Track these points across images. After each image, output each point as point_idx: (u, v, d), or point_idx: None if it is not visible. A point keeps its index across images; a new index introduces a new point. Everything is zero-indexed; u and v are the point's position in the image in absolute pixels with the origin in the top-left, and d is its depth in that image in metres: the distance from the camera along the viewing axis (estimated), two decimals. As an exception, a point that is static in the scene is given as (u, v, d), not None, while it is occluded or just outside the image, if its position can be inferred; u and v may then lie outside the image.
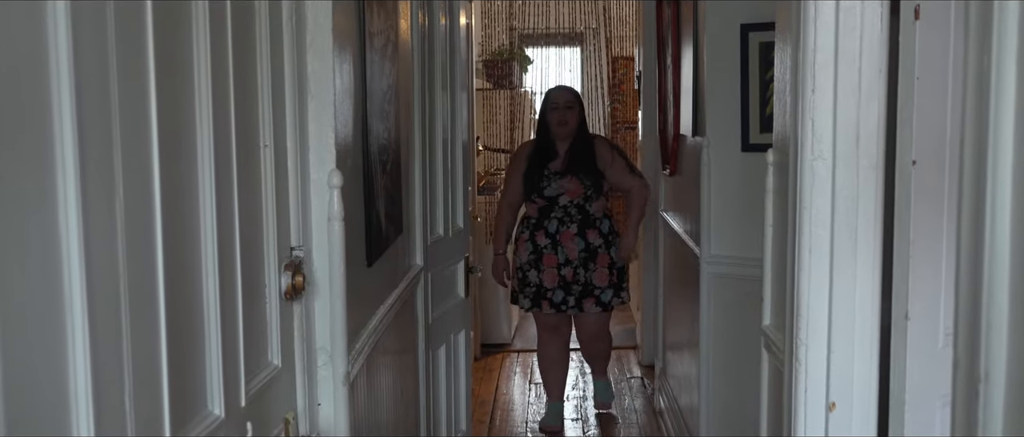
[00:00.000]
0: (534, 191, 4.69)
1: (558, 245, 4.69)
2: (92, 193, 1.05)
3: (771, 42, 3.08)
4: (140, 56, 1.21)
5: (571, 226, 4.67)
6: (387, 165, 2.59)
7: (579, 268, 4.70)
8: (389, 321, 2.62)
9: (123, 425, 1.14)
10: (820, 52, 1.79)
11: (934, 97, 1.70)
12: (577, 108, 4.70)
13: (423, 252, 3.32)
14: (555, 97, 4.74)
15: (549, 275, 4.74)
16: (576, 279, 4.71)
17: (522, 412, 5.35)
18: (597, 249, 4.69)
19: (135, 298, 1.17)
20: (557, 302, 4.76)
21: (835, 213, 1.82)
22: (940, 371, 1.74)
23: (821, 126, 1.81)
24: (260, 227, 1.72)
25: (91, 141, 1.05)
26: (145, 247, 1.22)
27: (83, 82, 1.02)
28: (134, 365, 1.16)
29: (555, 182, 4.66)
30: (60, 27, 0.98)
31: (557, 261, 4.70)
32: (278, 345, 1.79)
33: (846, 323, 1.85)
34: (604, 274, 4.72)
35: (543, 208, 4.71)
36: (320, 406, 1.98)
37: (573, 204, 4.67)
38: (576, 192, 4.65)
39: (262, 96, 1.71)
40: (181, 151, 1.37)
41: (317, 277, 1.96)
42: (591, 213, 4.68)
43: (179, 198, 1.35)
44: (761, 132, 3.42)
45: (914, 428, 1.77)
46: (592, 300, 4.74)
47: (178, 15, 1.36)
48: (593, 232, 4.68)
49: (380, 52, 2.48)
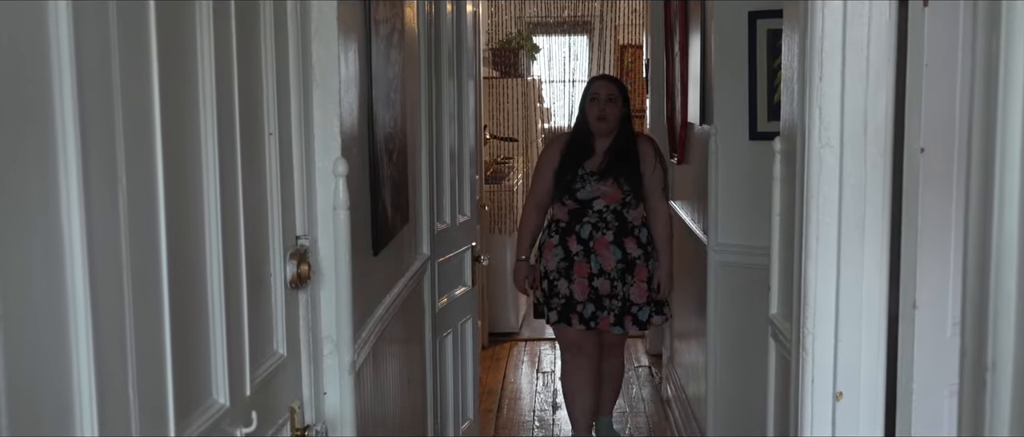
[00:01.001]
0: (566, 193, 4.09)
1: (592, 253, 4.07)
2: (95, 182, 1.04)
3: (779, 30, 3.06)
4: (143, 44, 1.20)
5: (607, 233, 4.06)
6: (393, 154, 2.58)
7: (616, 281, 4.08)
8: (396, 310, 2.62)
9: (127, 413, 1.14)
10: (828, 39, 1.78)
11: (943, 84, 1.69)
12: (619, 102, 4.11)
13: (430, 241, 3.32)
14: (596, 88, 4.15)
15: (580, 286, 4.10)
16: (613, 293, 4.09)
17: (529, 401, 5.35)
18: (635, 261, 4.08)
19: (138, 287, 1.17)
20: (587, 317, 4.11)
21: (843, 201, 1.81)
22: (948, 361, 1.74)
23: (829, 114, 1.80)
24: (265, 216, 1.72)
25: (93, 129, 1.04)
26: (148, 236, 1.22)
27: (85, 70, 1.02)
28: (138, 353, 1.16)
29: (590, 184, 4.06)
30: (61, 14, 0.98)
31: (589, 271, 4.08)
32: (284, 334, 1.79)
33: (853, 312, 1.84)
34: (642, 289, 4.10)
35: (574, 211, 4.10)
36: (326, 395, 1.98)
37: (609, 209, 4.07)
38: (614, 197, 4.06)
39: (266, 84, 1.71)
40: (184, 139, 1.36)
41: (322, 266, 1.95)
42: (629, 220, 4.08)
43: (183, 186, 1.35)
44: (769, 120, 3.40)
45: (921, 418, 1.76)
46: (630, 318, 4.14)
47: (181, 2, 1.35)
48: (631, 241, 4.07)
49: (386, 40, 2.47)
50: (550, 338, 6.52)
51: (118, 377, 1.12)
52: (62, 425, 1.01)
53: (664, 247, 4.10)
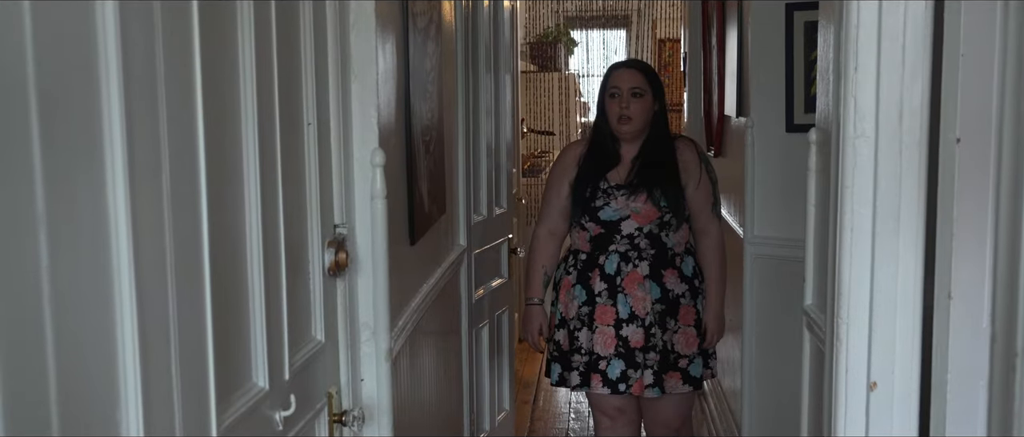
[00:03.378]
0: (586, 213, 3.15)
1: (618, 292, 3.12)
2: (140, 172, 1.07)
3: (816, 21, 3.05)
4: (186, 40, 1.23)
5: (639, 264, 3.11)
6: (430, 145, 2.61)
7: (654, 328, 3.10)
8: (432, 299, 2.65)
9: (170, 393, 1.17)
10: (863, 29, 1.78)
11: (979, 74, 1.68)
12: (649, 95, 3.14)
13: (466, 232, 3.34)
14: (615, 79, 3.15)
15: (603, 337, 3.12)
16: (649, 344, 3.10)
17: (565, 393, 5.36)
18: (679, 299, 3.14)
19: (181, 272, 1.20)
20: (614, 378, 3.11)
21: (877, 191, 1.81)
22: (983, 351, 1.73)
23: (864, 104, 1.80)
24: (304, 204, 1.75)
25: (138, 121, 1.07)
26: (191, 223, 1.25)
27: (130, 66, 1.05)
28: (180, 336, 1.19)
29: (617, 199, 3.12)
30: (108, 13, 1.01)
31: (615, 316, 3.11)
32: (321, 320, 1.83)
33: (888, 302, 1.84)
34: (691, 336, 3.15)
35: (597, 238, 3.15)
36: (363, 381, 2.02)
37: (642, 233, 3.11)
38: (648, 216, 3.10)
39: (305, 74, 1.74)
40: (226, 127, 1.39)
41: (360, 254, 1.98)
42: (670, 247, 3.13)
43: (224, 175, 1.38)
44: (806, 112, 3.39)
45: (956, 408, 1.76)
46: (677, 376, 3.15)
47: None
48: (672, 275, 3.13)
49: (423, 33, 2.50)
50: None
51: (162, 359, 1.15)
52: (109, 404, 1.04)
53: (715, 281, 3.18)
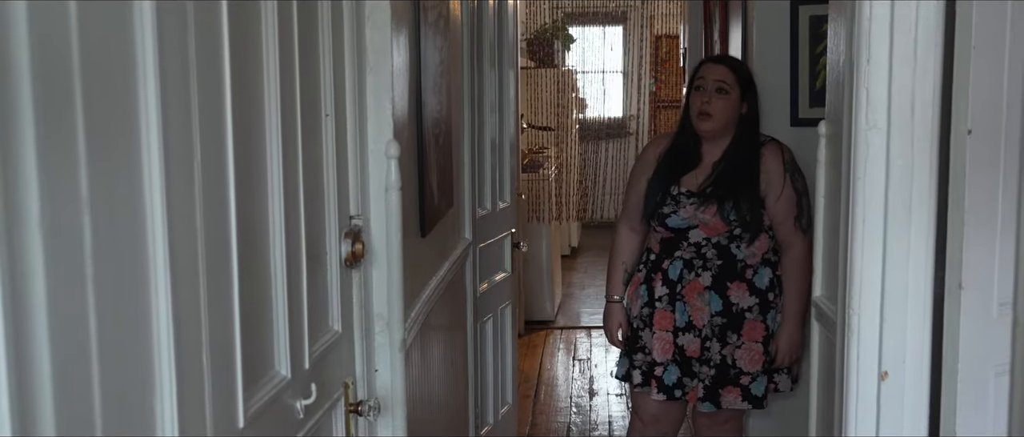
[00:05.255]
0: (653, 216, 3.02)
1: (677, 300, 2.99)
2: (174, 161, 1.10)
3: (822, 16, 3.07)
4: (216, 37, 1.27)
5: (702, 274, 2.96)
6: (439, 139, 2.63)
7: (711, 340, 2.98)
8: (441, 292, 2.66)
9: (201, 378, 1.19)
10: (875, 21, 1.80)
11: (991, 66, 1.70)
12: (735, 94, 2.95)
13: (472, 226, 3.36)
14: (702, 71, 3.00)
15: (661, 342, 3.02)
16: (705, 357, 2.99)
17: (566, 387, 5.39)
18: (744, 313, 2.96)
19: (211, 260, 1.22)
20: (669, 384, 3.01)
21: (889, 182, 1.83)
22: (994, 341, 1.75)
23: (876, 96, 1.82)
24: (322, 195, 1.77)
25: (173, 113, 1.10)
26: (220, 211, 1.27)
27: (166, 62, 1.09)
28: (210, 324, 1.21)
29: (685, 208, 2.95)
30: (145, 13, 1.05)
31: (673, 323, 3.00)
32: (338, 311, 1.84)
33: (899, 292, 1.86)
34: (756, 353, 2.97)
35: (666, 242, 3.02)
36: (377, 372, 2.03)
37: (710, 243, 2.96)
38: (715, 228, 2.93)
39: (323, 67, 1.76)
40: (251, 119, 1.41)
41: (375, 245, 2.00)
42: (740, 259, 2.95)
43: (249, 163, 1.40)
44: (811, 106, 3.41)
45: (967, 398, 1.78)
46: (736, 392, 2.98)
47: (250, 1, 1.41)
48: (739, 287, 2.95)
49: (433, 26, 2.51)
50: (586, 326, 6.55)
51: (193, 345, 1.17)
52: (144, 387, 1.06)
53: (793, 300, 2.94)
